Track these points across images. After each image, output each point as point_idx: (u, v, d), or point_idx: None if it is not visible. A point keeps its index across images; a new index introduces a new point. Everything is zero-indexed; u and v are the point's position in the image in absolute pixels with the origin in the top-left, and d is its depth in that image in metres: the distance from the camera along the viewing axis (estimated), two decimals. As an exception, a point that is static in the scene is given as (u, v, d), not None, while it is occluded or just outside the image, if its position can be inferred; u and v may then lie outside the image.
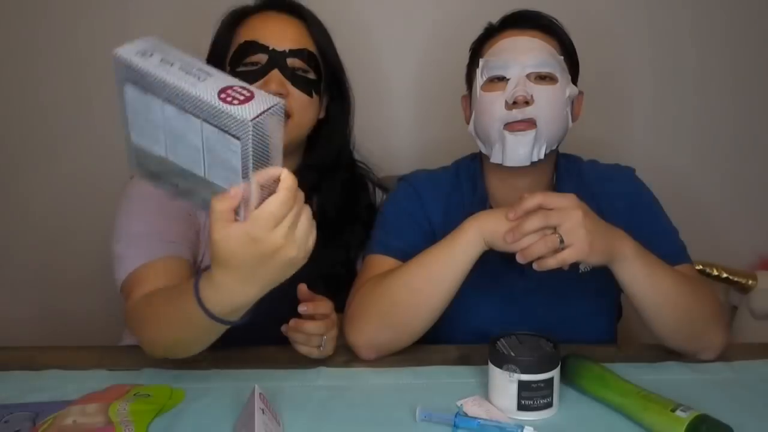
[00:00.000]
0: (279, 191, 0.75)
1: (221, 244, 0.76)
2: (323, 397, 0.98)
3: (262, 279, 0.79)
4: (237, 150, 0.71)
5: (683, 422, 0.83)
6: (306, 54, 1.17)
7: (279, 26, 1.19)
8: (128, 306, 1.05)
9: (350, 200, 1.29)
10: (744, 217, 1.94)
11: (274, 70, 1.14)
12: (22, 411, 0.93)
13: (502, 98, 1.10)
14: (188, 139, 0.74)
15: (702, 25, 1.85)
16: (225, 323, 0.85)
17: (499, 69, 1.12)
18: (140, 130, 0.77)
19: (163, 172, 0.79)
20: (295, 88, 1.15)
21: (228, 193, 0.74)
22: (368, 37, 1.81)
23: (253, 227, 0.74)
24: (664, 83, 1.88)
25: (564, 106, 1.13)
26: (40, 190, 1.86)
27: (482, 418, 0.89)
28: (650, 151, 1.87)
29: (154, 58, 0.73)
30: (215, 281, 0.81)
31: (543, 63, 1.11)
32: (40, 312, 1.91)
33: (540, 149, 1.11)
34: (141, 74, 0.73)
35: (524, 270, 1.17)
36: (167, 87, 0.71)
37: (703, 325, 1.06)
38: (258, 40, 1.16)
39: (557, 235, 0.94)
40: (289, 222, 0.76)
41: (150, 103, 0.74)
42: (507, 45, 1.13)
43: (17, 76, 1.81)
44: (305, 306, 1.04)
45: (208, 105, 0.70)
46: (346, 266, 1.27)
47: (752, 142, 1.92)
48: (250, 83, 1.10)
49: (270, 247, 0.75)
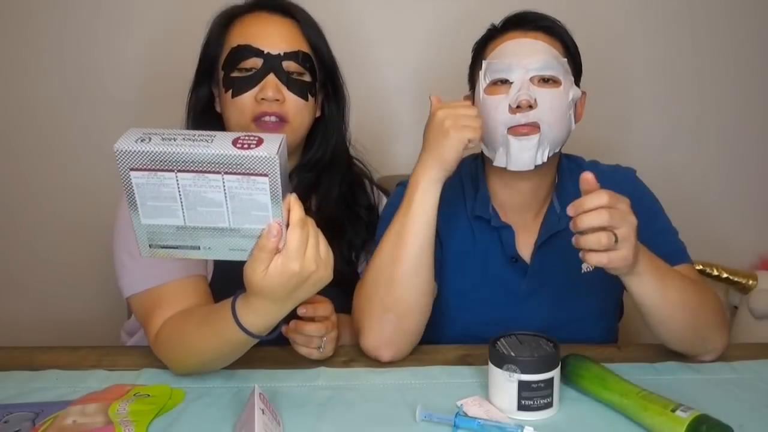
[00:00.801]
0: (293, 221, 0.83)
1: (265, 281, 0.84)
2: (323, 397, 0.98)
3: (295, 299, 0.89)
4: (265, 186, 0.79)
5: (683, 422, 0.83)
6: (301, 56, 1.16)
7: (272, 28, 1.16)
8: (151, 328, 1.06)
9: (349, 198, 1.29)
10: (744, 217, 1.94)
11: (270, 75, 1.13)
12: (22, 411, 0.93)
13: (506, 102, 1.09)
14: (208, 197, 0.80)
15: (702, 25, 1.86)
16: (261, 338, 0.93)
17: (503, 72, 1.11)
18: (151, 212, 0.82)
19: (181, 240, 0.84)
20: (291, 93, 1.14)
21: (270, 230, 0.82)
22: (367, 37, 1.81)
23: (288, 260, 0.83)
24: (664, 84, 1.88)
25: (567, 109, 1.12)
26: (41, 190, 1.86)
27: (482, 418, 0.89)
28: (650, 152, 1.87)
29: (154, 139, 0.78)
30: (254, 307, 0.89)
31: (546, 66, 1.10)
32: (40, 312, 1.91)
33: (544, 153, 1.10)
34: (150, 157, 0.78)
35: (527, 271, 1.18)
36: (180, 157, 0.77)
37: (707, 329, 1.05)
38: (252, 43, 1.14)
39: (614, 234, 0.90)
40: (313, 246, 0.85)
41: (162, 180, 0.79)
42: (510, 47, 1.13)
43: (18, 75, 1.81)
44: (304, 308, 1.04)
45: (229, 157, 0.77)
46: (348, 265, 1.26)
47: (752, 143, 1.92)
48: (245, 90, 1.14)
49: (306, 273, 0.85)
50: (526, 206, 1.20)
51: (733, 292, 1.92)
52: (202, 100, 1.22)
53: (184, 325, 1.01)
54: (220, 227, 0.83)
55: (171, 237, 0.84)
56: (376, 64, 1.82)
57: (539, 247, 1.18)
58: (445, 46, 1.75)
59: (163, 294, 1.06)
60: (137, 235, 0.85)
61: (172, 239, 0.84)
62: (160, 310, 1.05)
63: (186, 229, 0.83)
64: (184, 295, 1.07)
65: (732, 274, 1.87)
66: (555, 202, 1.19)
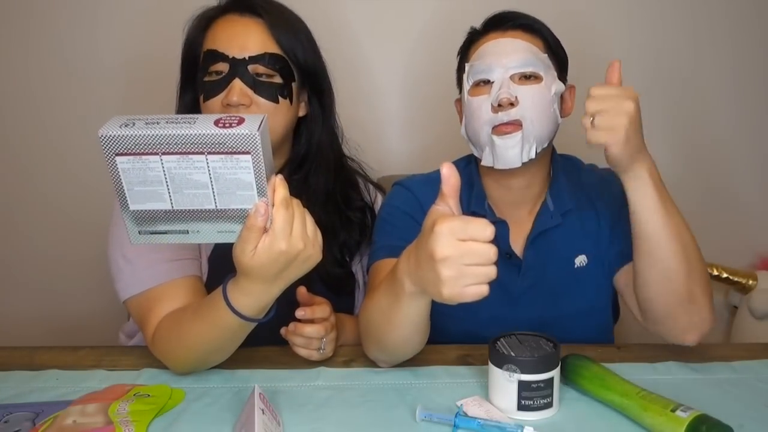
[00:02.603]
0: (277, 201, 0.84)
1: (254, 261, 0.85)
2: (323, 397, 0.98)
3: (286, 278, 0.90)
4: (248, 164, 0.80)
5: (683, 422, 0.83)
6: (267, 58, 1.12)
7: (238, 32, 1.13)
8: (148, 329, 1.06)
9: (341, 199, 1.27)
10: (744, 217, 1.94)
11: (235, 79, 1.10)
12: (22, 411, 0.94)
13: (488, 101, 1.11)
14: (193, 179, 0.81)
15: (687, 23, 1.85)
16: (256, 321, 0.94)
17: (483, 73, 1.13)
18: (139, 197, 0.83)
19: (170, 225, 0.85)
20: (259, 96, 1.12)
21: (258, 210, 0.82)
22: (358, 36, 1.81)
23: (275, 239, 0.84)
24: (662, 83, 1.88)
25: (550, 104, 1.13)
26: (41, 190, 1.86)
27: (482, 418, 0.89)
28: (649, 151, 1.87)
29: (138, 123, 0.80)
30: (245, 289, 0.90)
31: (526, 63, 1.12)
32: (40, 312, 1.91)
33: (530, 149, 1.11)
34: (134, 140, 0.79)
35: (521, 267, 1.18)
36: (164, 139, 0.79)
37: (696, 285, 1.02)
38: (218, 48, 1.12)
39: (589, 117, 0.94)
40: (300, 225, 0.85)
41: (146, 164, 0.80)
42: (489, 48, 1.15)
43: (15, 71, 1.81)
44: (303, 310, 1.04)
45: (211, 136, 0.78)
46: (341, 267, 1.25)
47: (751, 142, 1.92)
48: (213, 95, 1.13)
49: (293, 252, 0.85)
50: (520, 203, 1.21)
51: (733, 292, 1.93)
52: (188, 106, 1.20)
53: (178, 321, 1.01)
54: (207, 209, 0.84)
55: (160, 222, 0.85)
56: (368, 62, 1.81)
57: (531, 242, 1.19)
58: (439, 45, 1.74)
59: (159, 295, 1.07)
60: (126, 223, 0.85)
61: (160, 224, 0.85)
62: (157, 311, 1.05)
63: (174, 213, 0.84)
64: (180, 296, 1.07)
65: (732, 274, 1.87)
66: (548, 199, 1.20)
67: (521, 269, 1.19)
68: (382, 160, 1.46)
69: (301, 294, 1.06)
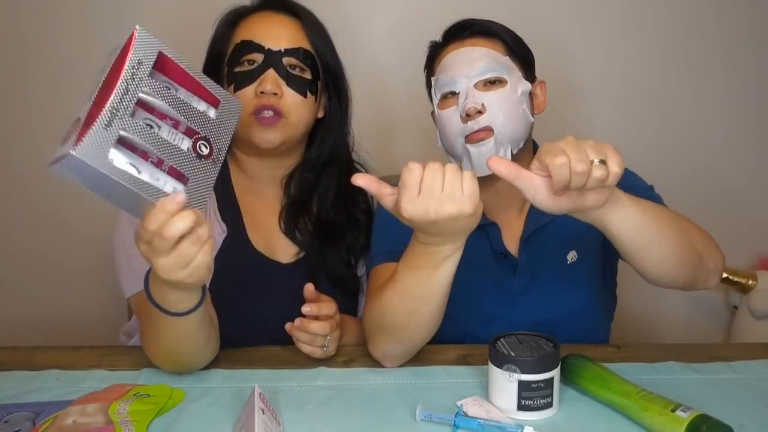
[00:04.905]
0: None
1: None
2: (323, 397, 0.98)
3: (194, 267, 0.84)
4: None
5: (683, 422, 0.83)
6: (302, 53, 1.19)
7: (275, 26, 1.20)
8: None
9: (348, 201, 1.29)
10: (744, 218, 1.94)
11: (269, 69, 1.16)
12: (22, 411, 0.93)
13: (457, 113, 1.13)
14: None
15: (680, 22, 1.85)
16: (176, 315, 0.91)
17: (448, 85, 1.14)
18: None
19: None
20: (290, 89, 1.17)
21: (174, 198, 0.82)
22: (369, 38, 1.81)
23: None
24: (659, 82, 1.88)
25: (518, 105, 1.13)
26: (40, 189, 1.86)
27: (482, 418, 0.89)
28: (646, 152, 1.86)
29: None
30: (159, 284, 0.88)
31: (487, 69, 1.12)
32: (40, 312, 1.91)
33: (506, 152, 1.12)
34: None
35: (516, 267, 1.19)
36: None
37: (701, 244, 1.02)
38: (254, 39, 1.18)
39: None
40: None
41: None
42: (451, 59, 1.16)
43: (14, 74, 1.81)
44: (309, 306, 1.04)
45: None
46: (347, 268, 1.26)
47: (750, 142, 1.92)
48: (246, 84, 1.16)
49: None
50: (508, 204, 1.22)
51: (733, 292, 1.92)
52: None
53: (146, 321, 1.02)
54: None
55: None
56: (379, 65, 1.81)
57: (525, 242, 1.20)
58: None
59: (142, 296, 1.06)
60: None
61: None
62: (141, 309, 1.05)
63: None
64: None
65: (732, 274, 1.87)
66: None
67: (517, 269, 1.20)
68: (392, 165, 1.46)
69: (308, 291, 1.06)
